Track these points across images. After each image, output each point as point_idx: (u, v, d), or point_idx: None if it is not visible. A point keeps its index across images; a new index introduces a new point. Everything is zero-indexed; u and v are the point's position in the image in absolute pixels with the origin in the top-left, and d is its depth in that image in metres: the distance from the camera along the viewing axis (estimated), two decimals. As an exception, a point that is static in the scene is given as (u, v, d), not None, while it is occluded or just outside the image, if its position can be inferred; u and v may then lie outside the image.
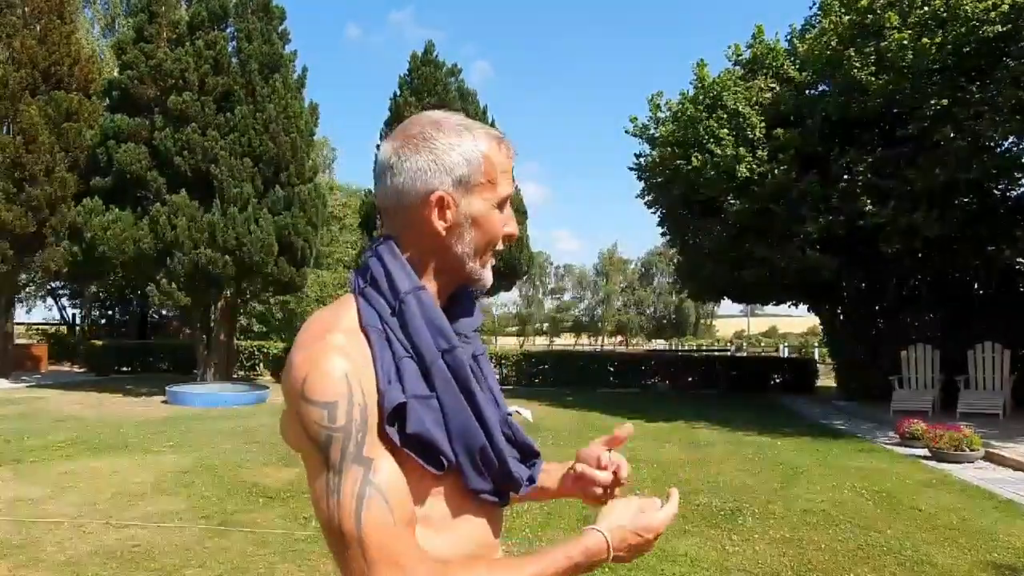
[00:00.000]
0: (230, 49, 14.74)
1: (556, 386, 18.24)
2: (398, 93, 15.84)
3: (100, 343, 21.72)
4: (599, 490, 1.20)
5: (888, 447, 9.42)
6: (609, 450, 1.22)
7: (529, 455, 1.12)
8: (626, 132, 15.41)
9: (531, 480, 1.10)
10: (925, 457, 8.51)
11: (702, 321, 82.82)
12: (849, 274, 12.85)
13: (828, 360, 21.45)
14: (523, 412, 1.15)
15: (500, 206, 1.06)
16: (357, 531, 0.89)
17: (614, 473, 1.20)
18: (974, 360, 12.23)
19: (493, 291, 17.56)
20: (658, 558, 4.65)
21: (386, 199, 1.05)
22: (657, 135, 14.57)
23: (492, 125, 13.75)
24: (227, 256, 13.70)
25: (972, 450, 8.20)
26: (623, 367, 19.68)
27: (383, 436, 0.94)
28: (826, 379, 20.45)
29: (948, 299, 14.24)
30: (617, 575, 4.28)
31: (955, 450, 8.23)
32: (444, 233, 1.02)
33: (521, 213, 15.84)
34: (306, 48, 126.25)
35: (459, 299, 1.11)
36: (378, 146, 15.96)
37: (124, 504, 5.82)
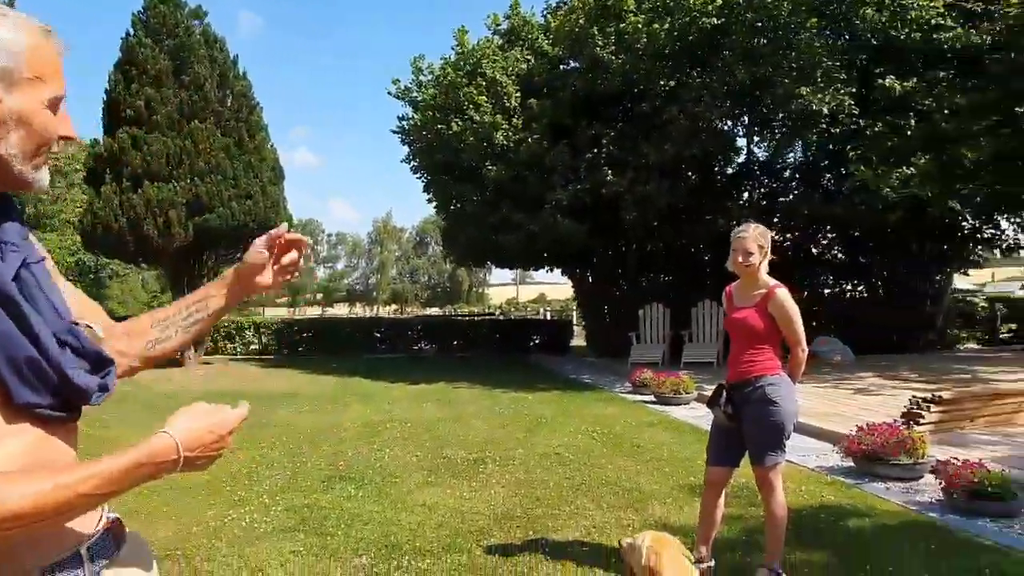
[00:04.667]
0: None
1: (320, 354, 17.71)
2: (131, 33, 14.05)
3: None
4: (266, 274, 1.31)
5: (622, 395, 10.41)
6: (271, 248, 1.31)
7: (101, 365, 1.06)
8: (389, 94, 15.20)
9: (104, 388, 1.04)
10: (651, 402, 9.53)
11: (475, 289, 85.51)
12: (596, 240, 13.88)
13: (582, 321, 23.20)
14: (93, 327, 1.05)
15: (52, 107, 0.99)
16: None
17: (279, 247, 1.31)
18: (696, 317, 13.92)
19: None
20: (395, 509, 4.69)
21: None
22: (420, 99, 14.54)
23: (243, 78, 12.67)
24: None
25: (687, 393, 9.32)
26: (390, 333, 19.64)
27: None
28: (581, 339, 22.14)
29: (678, 263, 16.03)
30: (352, 532, 4.23)
31: (674, 394, 9.31)
32: None
33: (275, 172, 14.95)
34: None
35: (3, 206, 1.01)
36: (107, 90, 14.15)
37: None
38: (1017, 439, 6.25)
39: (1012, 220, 15.12)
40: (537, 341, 20.47)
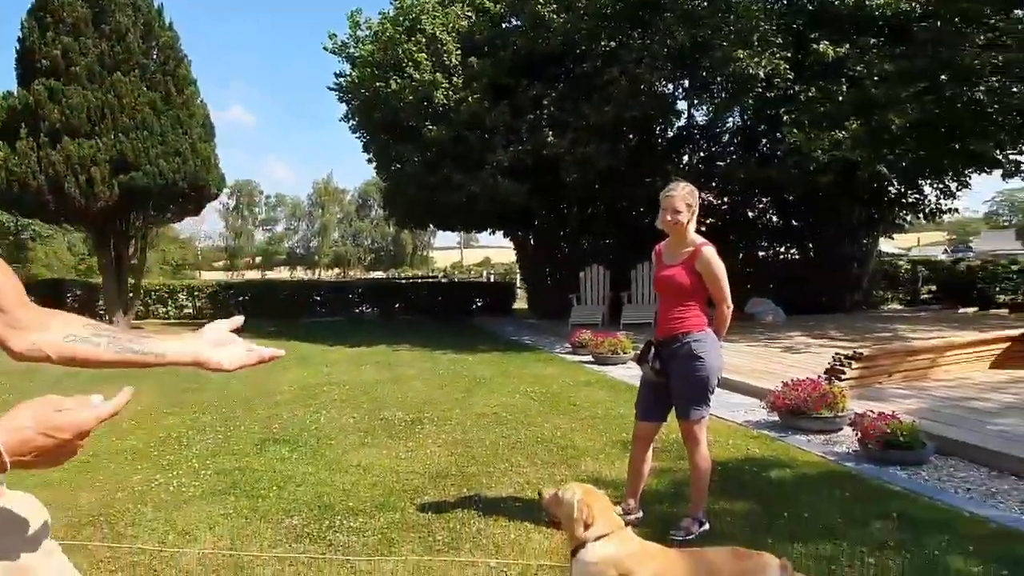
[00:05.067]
0: None
1: (258, 318, 17.31)
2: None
3: None
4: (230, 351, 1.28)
5: (562, 356, 10.53)
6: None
7: None
8: (325, 49, 14.72)
9: None
10: (589, 362, 9.67)
11: (419, 252, 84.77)
12: (537, 202, 13.86)
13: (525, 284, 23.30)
14: None
15: None
16: None
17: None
18: (635, 278, 14.11)
19: (175, 216, 15.88)
20: (330, 470, 4.66)
21: None
22: (357, 55, 14.12)
23: (169, 29, 12.06)
24: None
25: (624, 353, 9.48)
26: (331, 296, 19.35)
27: None
28: (524, 303, 22.25)
29: (619, 225, 16.16)
30: (284, 494, 4.18)
31: (612, 354, 9.46)
32: None
33: (206, 128, 14.37)
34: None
35: None
36: (20, 38, 13.26)
37: None
38: (930, 393, 6.59)
39: (935, 185, 15.72)
40: (480, 304, 20.49)
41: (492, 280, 31.60)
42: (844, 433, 5.38)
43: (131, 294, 15.10)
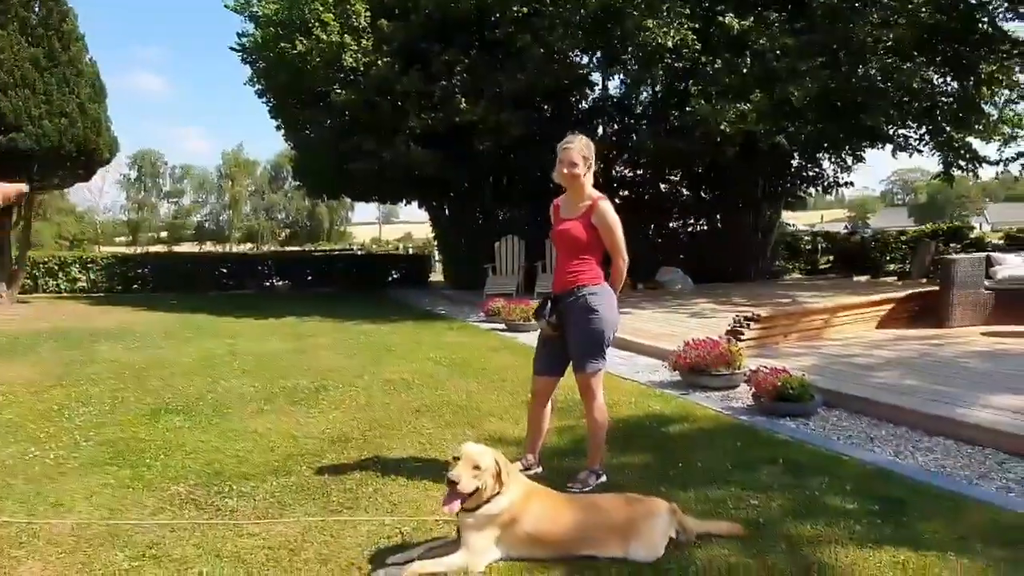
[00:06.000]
0: None
1: (159, 291, 16.54)
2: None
3: None
4: None
5: (476, 324, 10.51)
6: None
7: None
8: (226, 7, 13.97)
9: None
10: (501, 329, 9.69)
11: (337, 227, 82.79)
12: (451, 171, 13.69)
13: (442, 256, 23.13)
14: None
15: None
16: None
17: None
18: (549, 247, 14.17)
19: (63, 182, 14.84)
20: (224, 438, 4.48)
21: None
22: (260, 13, 13.46)
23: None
24: None
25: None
26: (238, 269, 18.64)
27: None
28: (442, 274, 22.08)
29: (533, 196, 16.18)
30: (171, 462, 3.99)
31: (523, 321, 9.49)
32: None
33: (96, 89, 13.44)
34: None
35: None
36: None
37: None
38: (822, 351, 6.92)
39: (832, 160, 16.48)
40: (396, 276, 20.23)
41: (410, 252, 31.24)
42: (741, 389, 5.58)
43: (15, 266, 14.06)
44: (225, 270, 18.39)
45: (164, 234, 78.64)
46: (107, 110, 13.55)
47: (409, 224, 77.90)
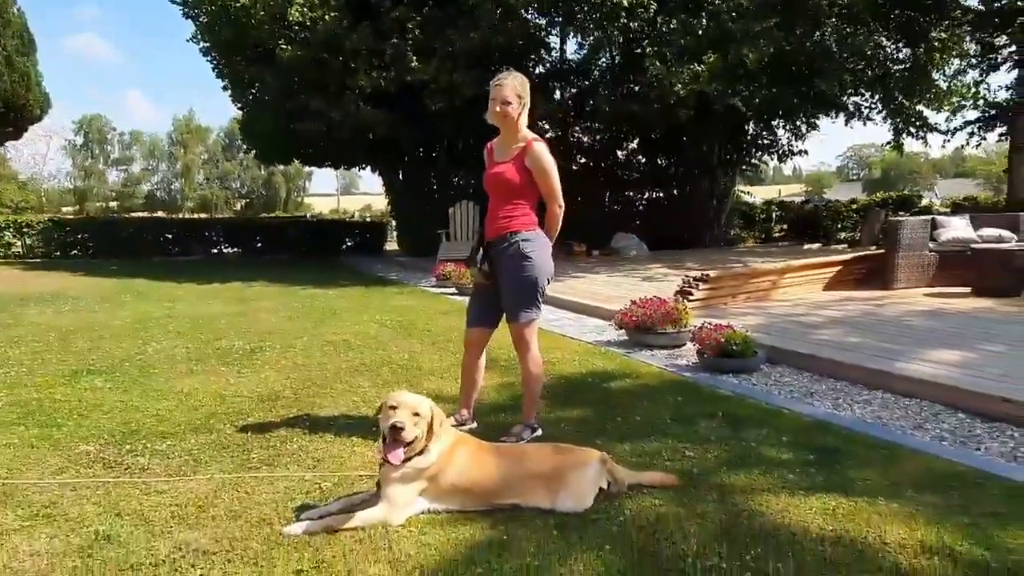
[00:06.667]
0: None
1: (99, 257, 15.92)
2: None
3: None
4: None
5: (426, 289, 10.33)
6: None
7: None
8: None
9: None
10: (452, 293, 9.52)
11: (294, 197, 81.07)
12: (404, 132, 13.33)
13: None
14: None
15: None
16: None
17: None
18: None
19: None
20: (146, 398, 4.26)
21: None
22: (200, -36, 12.84)
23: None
24: None
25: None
26: (185, 235, 18.03)
27: None
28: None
29: (489, 161, 15.94)
30: (85, 422, 3.75)
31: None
32: None
33: (24, 41, 12.71)
34: None
35: None
36: None
37: None
38: (768, 311, 6.92)
39: (786, 128, 16.55)
40: (350, 244, 19.83)
41: (367, 220, 30.74)
42: (687, 348, 5.53)
43: (-57, 230, 13.37)
44: (171, 236, 17.76)
45: (114, 204, 76.01)
46: (37, 64, 12.85)
47: (370, 196, 76.71)
